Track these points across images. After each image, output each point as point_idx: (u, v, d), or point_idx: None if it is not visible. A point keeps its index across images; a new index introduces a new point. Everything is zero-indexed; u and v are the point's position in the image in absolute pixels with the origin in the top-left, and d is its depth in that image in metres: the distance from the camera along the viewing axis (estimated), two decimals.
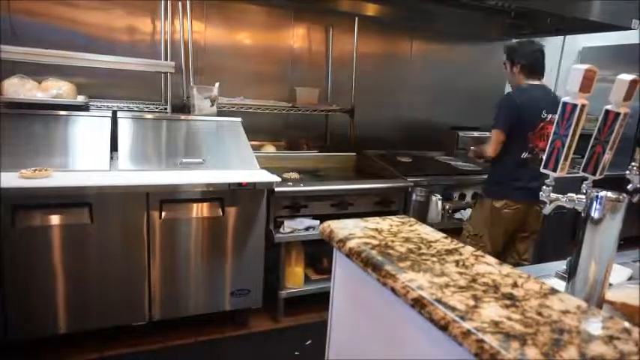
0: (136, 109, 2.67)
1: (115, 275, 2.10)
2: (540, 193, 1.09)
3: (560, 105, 1.01)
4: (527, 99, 2.35)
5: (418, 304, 0.78)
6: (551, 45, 4.24)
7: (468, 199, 3.13)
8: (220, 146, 2.53)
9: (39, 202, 1.92)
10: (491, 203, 2.45)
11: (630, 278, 1.26)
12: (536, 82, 2.43)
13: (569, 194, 1.04)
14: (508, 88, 4.05)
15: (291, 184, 2.50)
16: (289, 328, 2.56)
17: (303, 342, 2.41)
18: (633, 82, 1.02)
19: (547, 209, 1.10)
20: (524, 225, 2.51)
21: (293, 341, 2.41)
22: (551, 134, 1.04)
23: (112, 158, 2.25)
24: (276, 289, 2.60)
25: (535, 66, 2.41)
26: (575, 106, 0.99)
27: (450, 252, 0.99)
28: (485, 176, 2.66)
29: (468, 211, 3.04)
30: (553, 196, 1.07)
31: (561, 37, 4.22)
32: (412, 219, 1.23)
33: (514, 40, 2.47)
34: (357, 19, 3.25)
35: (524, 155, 2.39)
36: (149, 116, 2.53)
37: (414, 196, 2.81)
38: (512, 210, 2.43)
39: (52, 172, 1.98)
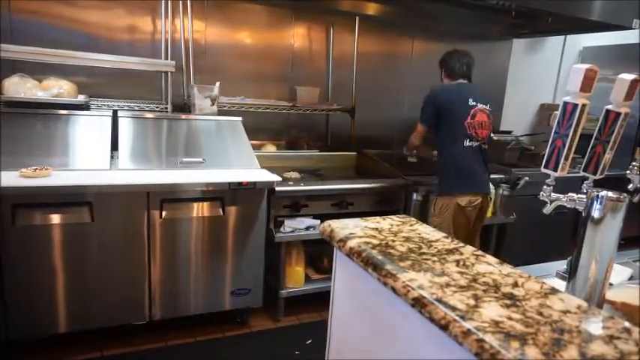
0: (136, 108, 2.67)
1: (116, 274, 2.10)
2: (541, 192, 1.09)
3: (561, 104, 1.01)
4: (449, 91, 2.55)
5: (418, 303, 0.78)
6: (552, 45, 4.25)
7: None
8: (221, 145, 2.53)
9: (39, 201, 1.92)
10: (455, 202, 2.46)
11: (631, 278, 1.26)
12: (461, 81, 2.58)
13: (570, 194, 1.04)
14: (509, 86, 4.11)
15: (291, 183, 2.50)
16: (289, 328, 2.56)
17: (303, 341, 2.41)
18: (634, 82, 1.02)
19: (548, 209, 1.10)
20: (480, 216, 2.59)
21: (293, 341, 2.41)
22: (552, 133, 1.03)
23: (112, 157, 2.25)
24: (276, 288, 2.60)
25: (456, 71, 2.57)
26: (575, 105, 0.99)
27: (450, 251, 0.99)
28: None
29: None
30: (554, 195, 1.07)
31: (562, 37, 4.22)
32: (412, 218, 1.23)
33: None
34: (357, 18, 3.25)
35: (468, 143, 2.47)
36: (149, 115, 2.53)
37: (414, 196, 2.80)
38: (474, 206, 2.50)
39: (52, 171, 1.98)
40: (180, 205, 2.17)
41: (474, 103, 2.49)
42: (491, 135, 2.76)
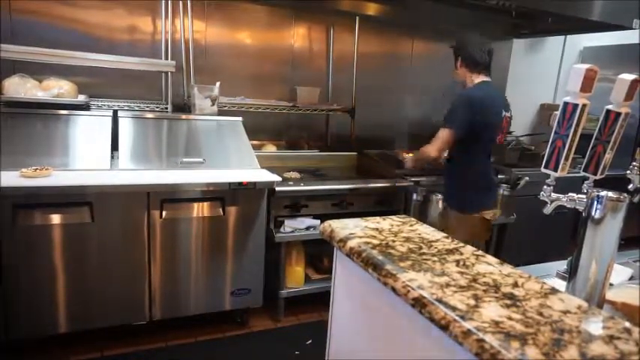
0: (136, 108, 2.67)
1: (116, 274, 2.10)
2: (542, 192, 1.09)
3: (561, 105, 1.01)
4: (485, 98, 2.22)
5: (419, 303, 0.78)
6: (552, 45, 4.25)
7: None
8: (221, 146, 2.53)
9: (40, 202, 1.92)
10: (480, 217, 2.34)
11: (631, 278, 1.26)
12: (488, 79, 2.32)
13: (570, 194, 1.04)
14: (509, 87, 4.11)
15: (291, 183, 2.50)
16: (289, 328, 2.56)
17: (303, 341, 2.41)
18: (634, 82, 1.01)
19: (548, 209, 1.10)
20: (490, 226, 2.51)
21: (293, 341, 2.41)
22: (552, 134, 1.03)
23: (112, 157, 2.25)
24: (276, 288, 2.60)
25: (480, 61, 2.28)
26: (576, 105, 0.99)
27: (450, 252, 0.99)
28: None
29: None
30: (554, 195, 1.07)
31: (562, 37, 4.22)
32: (413, 219, 1.23)
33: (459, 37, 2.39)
34: (357, 18, 3.25)
35: (492, 158, 2.36)
36: (150, 115, 2.53)
37: (414, 196, 2.80)
38: (490, 218, 2.40)
39: (52, 171, 1.98)
40: (181, 205, 2.17)
41: (504, 114, 2.30)
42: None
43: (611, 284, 1.06)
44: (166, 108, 2.67)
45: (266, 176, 2.31)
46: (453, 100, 2.28)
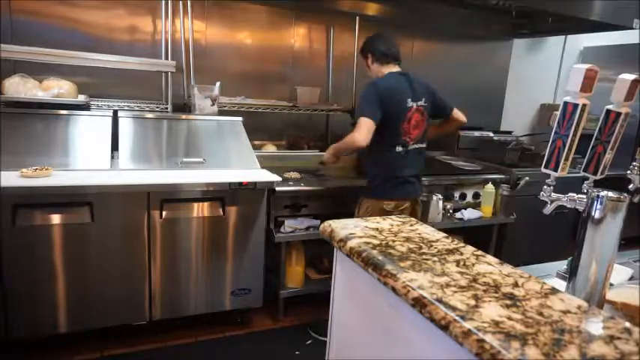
0: (136, 108, 2.67)
1: (116, 275, 2.10)
2: (542, 192, 1.09)
3: (561, 105, 1.01)
4: (391, 87, 2.25)
5: (419, 303, 0.78)
6: (552, 45, 4.25)
7: (469, 198, 3.13)
8: (221, 146, 2.53)
9: (40, 202, 1.92)
10: (380, 206, 2.29)
11: (631, 278, 1.26)
12: (397, 69, 2.36)
13: (570, 194, 1.03)
14: (509, 87, 4.11)
15: (291, 183, 2.50)
16: (289, 328, 2.56)
17: (303, 341, 2.41)
18: (634, 82, 1.01)
19: (548, 209, 1.09)
20: None
21: (293, 341, 2.41)
22: (552, 134, 1.03)
23: (112, 157, 2.25)
24: (276, 288, 2.60)
25: (388, 53, 2.33)
26: (576, 105, 0.99)
27: (450, 252, 0.99)
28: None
29: (469, 210, 3.05)
30: (554, 195, 1.07)
31: (562, 37, 4.22)
32: (413, 219, 1.23)
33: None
34: (357, 18, 3.25)
35: (399, 149, 2.28)
36: (150, 116, 2.53)
37: None
38: (400, 211, 2.32)
39: (52, 171, 1.98)
40: (181, 205, 2.18)
41: (412, 104, 2.28)
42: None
43: (611, 284, 1.06)
44: (166, 108, 2.67)
45: (266, 176, 2.31)
46: (363, 91, 2.30)
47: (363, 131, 2.18)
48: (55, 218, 1.95)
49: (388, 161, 2.30)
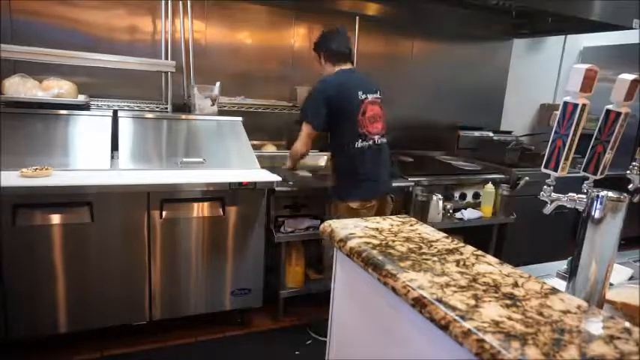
0: (136, 108, 2.67)
1: (116, 275, 2.10)
2: (542, 192, 1.09)
3: (561, 104, 1.01)
4: (339, 84, 2.24)
5: (419, 303, 0.78)
6: (552, 45, 4.25)
7: (469, 198, 3.13)
8: (221, 146, 2.53)
9: (40, 201, 1.92)
10: (347, 206, 2.27)
11: (631, 278, 1.26)
12: (349, 67, 2.34)
13: (570, 194, 1.03)
14: (509, 87, 4.11)
15: (291, 183, 2.50)
16: (289, 328, 2.56)
17: (303, 341, 2.41)
18: (634, 82, 1.01)
19: (548, 209, 1.09)
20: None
21: (293, 341, 2.41)
22: (552, 133, 1.03)
23: (112, 157, 2.25)
24: (276, 288, 2.60)
25: (341, 52, 2.32)
26: (576, 105, 0.99)
27: (450, 251, 0.99)
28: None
29: (469, 210, 3.05)
30: (554, 195, 1.07)
31: (562, 37, 4.22)
32: (413, 218, 1.23)
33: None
34: (357, 18, 3.25)
35: (360, 144, 2.24)
36: (150, 116, 2.53)
37: (414, 196, 2.81)
38: (369, 208, 2.29)
39: (52, 171, 1.98)
40: (181, 205, 2.18)
41: (364, 96, 2.24)
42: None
43: (611, 284, 1.06)
44: (166, 108, 2.67)
45: (266, 176, 2.31)
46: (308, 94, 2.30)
47: (303, 139, 2.29)
48: (55, 218, 1.95)
49: (348, 158, 2.27)
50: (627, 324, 0.71)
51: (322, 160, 3.09)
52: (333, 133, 2.30)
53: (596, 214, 0.91)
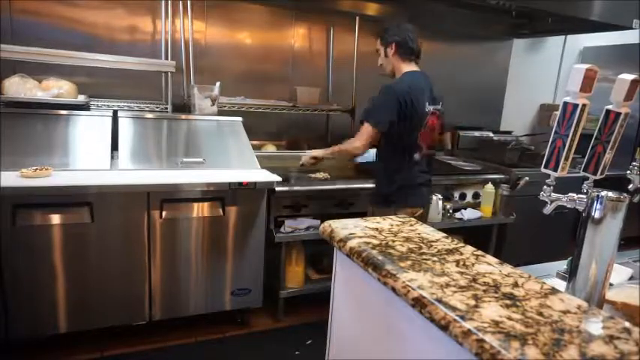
0: (136, 108, 2.67)
1: (116, 275, 2.10)
2: (542, 192, 1.09)
3: (561, 105, 1.01)
4: (410, 91, 2.09)
5: (419, 303, 0.78)
6: (552, 45, 4.25)
7: (469, 198, 3.13)
8: (221, 146, 2.53)
9: (39, 202, 1.92)
10: (393, 213, 2.13)
11: (631, 278, 1.26)
12: (415, 68, 2.20)
13: (570, 194, 1.04)
14: (509, 87, 4.11)
15: (293, 182, 2.49)
16: (289, 328, 2.56)
17: (303, 341, 2.41)
18: (634, 82, 1.01)
19: (548, 209, 1.09)
20: None
21: (293, 341, 2.41)
22: (552, 134, 1.03)
23: (112, 157, 2.25)
24: (276, 288, 2.60)
25: (414, 49, 2.17)
26: (576, 105, 0.99)
27: (450, 252, 0.99)
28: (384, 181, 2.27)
29: (469, 210, 3.05)
30: (554, 195, 1.07)
31: (562, 37, 4.23)
32: (412, 219, 1.23)
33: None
34: (357, 18, 3.25)
35: (416, 157, 2.18)
36: (150, 116, 2.53)
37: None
38: (417, 216, 2.18)
39: (52, 171, 1.98)
40: (181, 205, 2.17)
41: (429, 108, 2.16)
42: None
43: (611, 284, 1.06)
44: (166, 108, 2.67)
45: (266, 176, 2.31)
46: (377, 93, 2.14)
47: (365, 140, 2.12)
48: (55, 218, 1.95)
49: (405, 169, 2.19)
50: (627, 324, 0.71)
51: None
52: (391, 140, 2.15)
53: (596, 214, 0.91)
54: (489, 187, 3.06)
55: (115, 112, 2.43)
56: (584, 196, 0.99)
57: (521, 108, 4.29)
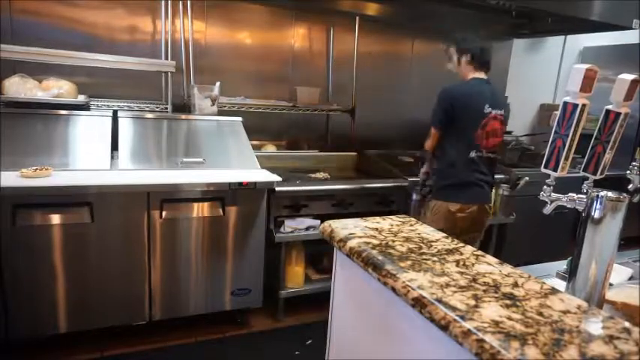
0: (136, 108, 2.67)
1: (116, 275, 2.10)
2: (542, 192, 1.09)
3: (561, 105, 1.01)
4: (465, 93, 2.27)
5: (419, 303, 0.78)
6: (552, 45, 4.25)
7: None
8: (221, 146, 2.53)
9: (40, 202, 1.92)
10: (446, 207, 2.30)
11: (631, 278, 1.26)
12: (481, 76, 2.33)
13: (570, 194, 1.04)
14: (509, 87, 4.10)
15: (298, 182, 2.49)
16: (289, 328, 2.56)
17: (303, 342, 2.41)
18: (634, 82, 1.02)
19: (548, 209, 1.10)
20: (474, 225, 2.40)
21: (293, 341, 2.41)
22: (552, 133, 1.04)
23: (112, 157, 2.25)
24: (276, 288, 2.60)
25: (485, 60, 2.33)
26: (576, 105, 0.99)
27: (450, 252, 0.99)
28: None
29: None
30: (554, 195, 1.07)
31: (562, 37, 4.23)
32: (412, 219, 1.23)
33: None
34: (357, 18, 3.25)
35: (473, 154, 2.28)
36: (150, 116, 2.53)
37: (414, 196, 2.80)
38: (467, 213, 2.31)
39: (52, 171, 1.98)
40: (181, 205, 2.17)
41: (489, 110, 2.26)
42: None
43: (611, 284, 1.06)
44: (166, 108, 2.67)
45: (266, 176, 2.31)
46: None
47: (431, 139, 2.38)
48: (55, 218, 1.94)
49: (458, 165, 2.30)
50: (627, 324, 0.71)
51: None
52: (447, 138, 2.32)
53: (596, 214, 0.91)
54: None
55: (115, 112, 2.43)
56: (584, 196, 0.99)
57: (521, 108, 4.29)
